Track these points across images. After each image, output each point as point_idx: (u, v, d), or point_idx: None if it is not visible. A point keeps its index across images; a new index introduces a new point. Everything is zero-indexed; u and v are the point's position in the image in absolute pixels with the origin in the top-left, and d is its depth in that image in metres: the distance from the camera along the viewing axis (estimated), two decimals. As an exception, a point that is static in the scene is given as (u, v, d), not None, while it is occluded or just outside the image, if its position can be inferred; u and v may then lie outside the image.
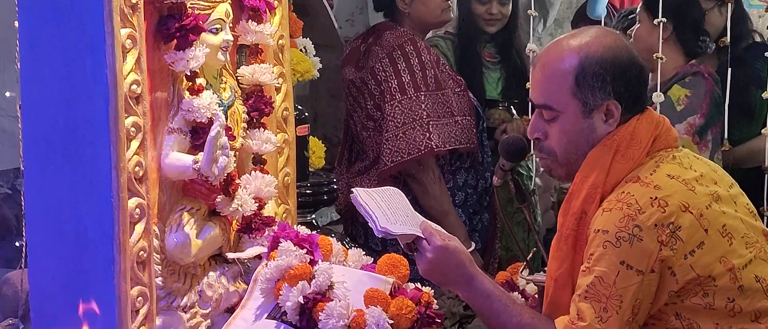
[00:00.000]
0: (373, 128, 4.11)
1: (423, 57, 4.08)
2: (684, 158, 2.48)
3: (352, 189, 2.70)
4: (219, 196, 2.92)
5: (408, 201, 2.75)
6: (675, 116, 3.75)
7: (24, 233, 2.99)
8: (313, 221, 4.30)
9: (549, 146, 2.54)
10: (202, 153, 2.76)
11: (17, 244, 4.02)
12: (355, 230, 4.31)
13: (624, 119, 2.46)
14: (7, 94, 4.35)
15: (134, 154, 2.70)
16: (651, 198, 2.34)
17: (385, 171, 4.01)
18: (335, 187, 4.37)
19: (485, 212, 4.28)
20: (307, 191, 4.25)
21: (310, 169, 4.35)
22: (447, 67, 4.22)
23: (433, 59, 4.11)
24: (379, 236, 2.59)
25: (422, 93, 4.03)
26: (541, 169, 4.71)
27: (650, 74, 3.76)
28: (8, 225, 4.72)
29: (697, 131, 3.81)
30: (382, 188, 2.80)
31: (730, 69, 3.92)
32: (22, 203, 2.97)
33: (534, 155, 4.28)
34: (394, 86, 4.03)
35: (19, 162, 3.08)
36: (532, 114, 2.67)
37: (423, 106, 4.01)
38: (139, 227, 2.73)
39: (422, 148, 3.99)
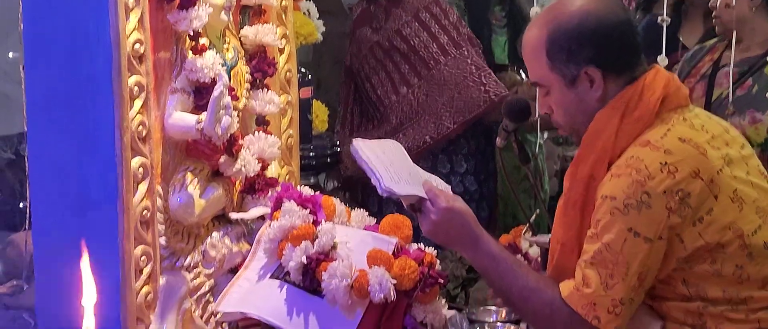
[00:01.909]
0: (406, 94, 4.07)
1: (450, 17, 4.06)
2: (695, 118, 2.43)
3: (353, 141, 2.67)
4: (222, 156, 2.92)
5: (407, 154, 2.74)
6: None
7: (28, 195, 2.99)
8: (317, 183, 4.30)
9: (556, 119, 2.54)
10: (205, 113, 2.76)
11: (21, 205, 4.04)
12: (355, 193, 4.30)
13: (617, 81, 2.41)
14: (10, 54, 4.35)
15: (137, 113, 2.70)
16: (661, 164, 2.29)
17: (449, 133, 3.98)
18: (339, 151, 4.36)
19: (491, 180, 4.27)
20: (311, 154, 4.24)
21: (313, 132, 4.34)
22: (467, 27, 4.19)
23: (457, 17, 4.09)
24: (383, 195, 2.58)
25: (464, 49, 4.00)
26: (545, 137, 4.71)
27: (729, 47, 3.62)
28: (12, 190, 4.72)
29: None
30: (383, 140, 2.78)
31: None
32: (26, 168, 2.97)
33: (539, 122, 4.28)
34: (435, 50, 4.00)
35: (22, 127, 3.08)
36: None
37: (468, 61, 3.98)
38: (143, 187, 2.73)
39: (481, 103, 3.96)
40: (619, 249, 2.27)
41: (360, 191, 4.14)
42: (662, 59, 3.59)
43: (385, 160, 2.58)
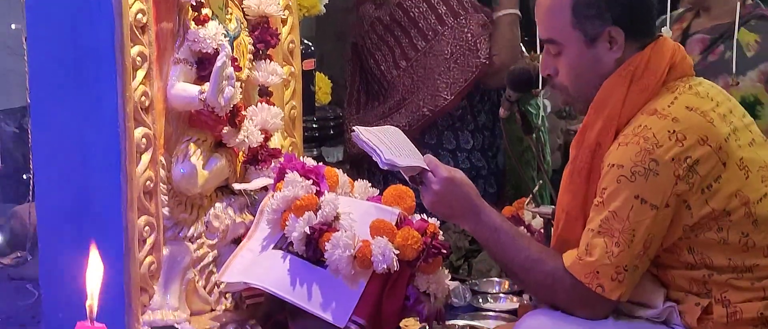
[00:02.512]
0: (406, 68, 4.07)
1: None
2: (700, 87, 2.43)
3: (353, 128, 2.68)
4: (225, 127, 2.92)
5: (407, 138, 2.73)
6: (746, 63, 3.63)
7: (31, 167, 3.00)
8: (320, 155, 4.29)
9: (560, 82, 2.51)
10: (208, 84, 2.76)
11: (24, 177, 4.04)
12: (360, 173, 4.30)
13: (633, 46, 2.42)
14: (13, 26, 4.34)
15: (140, 84, 2.70)
16: (669, 132, 2.30)
17: (448, 105, 3.98)
18: (342, 122, 4.35)
19: (498, 156, 4.26)
20: (314, 126, 4.24)
21: (316, 104, 4.34)
22: None
23: None
24: (384, 168, 2.58)
25: (462, 18, 3.98)
26: (548, 110, 4.70)
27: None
28: (16, 163, 4.73)
29: None
30: (383, 126, 2.78)
31: None
32: (30, 142, 2.97)
33: (542, 95, 4.26)
34: (433, 21, 3.98)
35: (25, 101, 3.08)
36: (541, 52, 2.65)
37: (465, 30, 3.97)
38: (146, 157, 2.73)
39: (473, 68, 3.95)
40: (626, 217, 2.27)
41: (366, 169, 4.13)
42: (666, 31, 3.59)
43: (385, 140, 2.59)
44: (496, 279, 3.62)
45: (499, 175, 4.27)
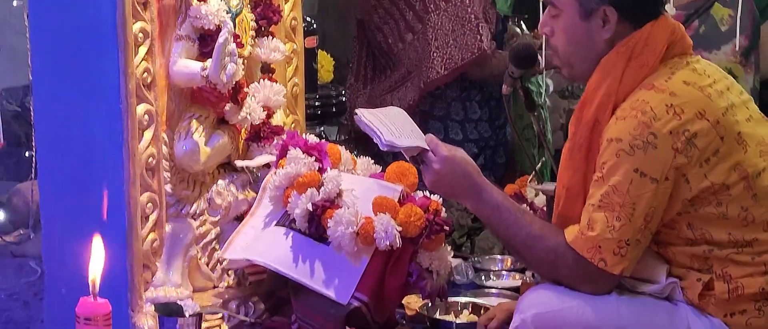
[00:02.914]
0: (412, 41, 4.05)
1: None
2: (698, 64, 2.44)
3: (356, 110, 2.67)
4: (227, 104, 2.91)
5: (410, 118, 2.73)
6: (719, 37, 3.65)
7: (33, 144, 2.99)
8: (322, 133, 4.29)
9: (554, 44, 2.53)
10: (210, 60, 2.75)
11: (27, 154, 4.04)
12: (365, 147, 4.29)
13: (628, 27, 2.42)
14: (14, 3, 4.34)
15: (142, 60, 2.70)
16: (667, 105, 2.30)
17: (438, 80, 3.97)
18: (344, 100, 4.34)
19: (506, 126, 4.25)
20: (316, 104, 4.22)
21: (319, 82, 4.33)
22: None
23: None
24: (384, 149, 2.58)
25: None
26: (551, 90, 4.69)
27: None
28: (18, 141, 4.73)
29: (744, 53, 3.68)
30: (386, 108, 2.78)
31: None
32: (32, 121, 2.97)
33: (545, 74, 4.25)
34: None
35: (28, 79, 3.08)
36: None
37: (469, 10, 3.96)
38: (148, 134, 2.73)
39: (475, 50, 3.94)
40: (626, 190, 2.27)
41: (371, 148, 4.12)
42: (670, 7, 3.59)
43: (386, 121, 2.58)
44: (499, 256, 3.62)
45: (507, 145, 4.26)
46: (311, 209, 2.82)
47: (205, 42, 2.84)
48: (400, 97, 4.00)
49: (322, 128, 4.36)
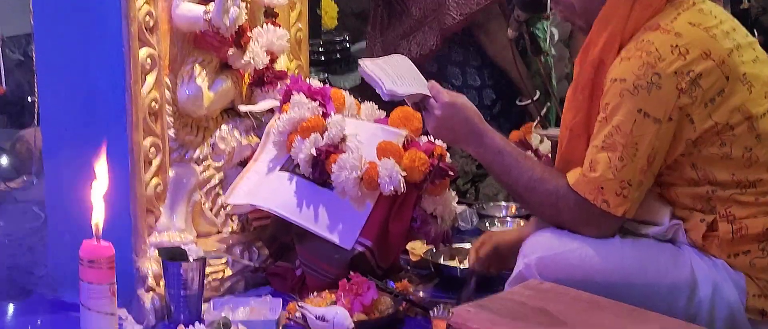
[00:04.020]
0: None
1: None
2: (703, 4, 2.41)
3: (359, 61, 2.65)
4: (231, 48, 2.90)
5: (415, 66, 2.71)
6: None
7: (36, 90, 2.98)
8: (326, 80, 4.27)
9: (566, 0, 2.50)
10: (213, 4, 2.73)
11: (29, 99, 4.04)
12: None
13: None
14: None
15: (144, 3, 2.68)
16: (672, 46, 2.28)
17: (454, 26, 3.94)
18: (348, 46, 4.31)
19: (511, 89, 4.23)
20: (320, 49, 4.20)
21: (323, 29, 4.31)
22: None
23: None
24: (386, 99, 2.56)
25: None
26: (557, 38, 4.66)
27: None
28: (21, 89, 4.73)
29: None
30: (389, 56, 2.76)
31: None
32: (34, 67, 2.96)
33: (550, 22, 4.22)
34: None
35: (29, 27, 3.06)
36: None
37: None
38: (151, 78, 2.72)
39: None
40: (629, 131, 2.26)
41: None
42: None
43: (388, 69, 2.56)
44: (503, 203, 3.62)
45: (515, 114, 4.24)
46: (315, 154, 2.82)
47: (208, -15, 2.82)
48: (418, 42, 3.97)
49: (325, 75, 4.34)
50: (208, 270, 2.74)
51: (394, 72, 2.57)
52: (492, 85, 4.04)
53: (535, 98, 3.15)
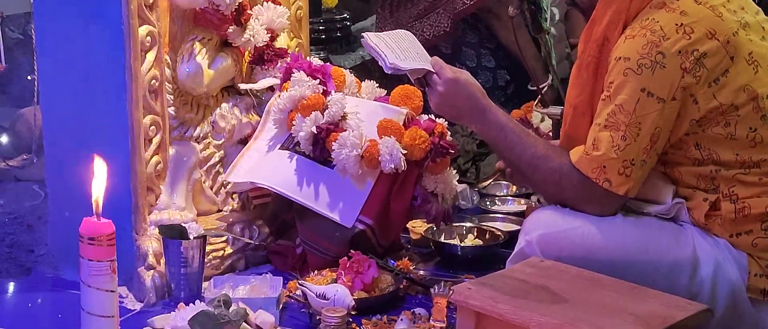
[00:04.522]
0: None
1: None
2: None
3: (363, 34, 2.64)
4: (231, 26, 2.88)
5: (418, 42, 2.69)
6: None
7: (36, 68, 2.97)
8: (326, 58, 4.26)
9: None
10: (213, -19, 2.73)
11: (29, 78, 4.03)
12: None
13: None
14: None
15: (144, -20, 2.67)
16: (677, 24, 2.27)
17: (465, 10, 3.92)
18: (349, 25, 4.30)
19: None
20: (320, 28, 4.18)
21: (323, 7, 4.29)
22: None
23: None
24: (389, 72, 2.54)
25: None
26: (558, 18, 4.64)
27: None
28: (20, 68, 4.72)
29: None
30: (394, 31, 2.75)
31: None
32: (34, 47, 2.94)
33: (550, 2, 4.19)
34: None
35: (29, 6, 3.05)
36: None
37: None
38: (151, 56, 2.71)
39: None
40: (632, 109, 2.25)
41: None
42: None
43: (391, 44, 2.55)
44: (504, 182, 3.61)
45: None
46: (316, 132, 2.81)
47: (208, -38, 2.80)
48: (431, 23, 3.95)
49: (326, 54, 4.32)
50: (208, 248, 2.74)
51: (398, 47, 2.56)
52: (507, 66, 4.02)
53: (547, 83, 3.13)
